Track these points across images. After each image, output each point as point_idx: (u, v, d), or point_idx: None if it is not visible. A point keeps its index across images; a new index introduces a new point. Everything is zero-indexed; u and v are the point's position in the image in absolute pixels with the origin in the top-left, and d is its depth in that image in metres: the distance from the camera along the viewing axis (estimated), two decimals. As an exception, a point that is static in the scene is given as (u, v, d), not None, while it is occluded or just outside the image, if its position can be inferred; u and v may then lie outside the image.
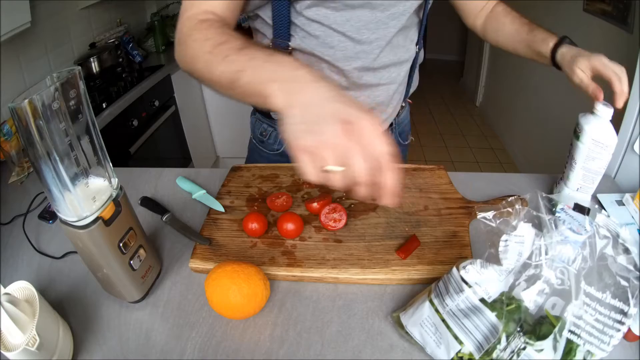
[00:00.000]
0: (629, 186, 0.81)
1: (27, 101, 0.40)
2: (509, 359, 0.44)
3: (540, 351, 0.43)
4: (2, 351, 0.45)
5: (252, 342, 0.54)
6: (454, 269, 0.49)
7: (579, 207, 0.48)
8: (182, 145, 2.23)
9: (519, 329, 0.44)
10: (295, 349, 0.53)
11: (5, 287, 0.51)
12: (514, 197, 0.49)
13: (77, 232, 0.49)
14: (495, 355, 0.44)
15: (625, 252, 0.44)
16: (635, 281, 0.43)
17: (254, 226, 0.67)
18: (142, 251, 0.58)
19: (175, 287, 0.62)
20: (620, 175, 0.84)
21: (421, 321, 0.50)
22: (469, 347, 0.46)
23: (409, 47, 0.80)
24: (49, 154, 0.43)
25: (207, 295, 0.54)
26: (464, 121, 3.58)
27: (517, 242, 0.46)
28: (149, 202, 0.77)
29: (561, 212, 0.55)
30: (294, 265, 0.62)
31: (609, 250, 0.44)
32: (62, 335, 0.51)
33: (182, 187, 0.83)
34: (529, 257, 0.45)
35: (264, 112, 0.89)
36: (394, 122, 0.93)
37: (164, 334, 0.55)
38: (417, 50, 0.83)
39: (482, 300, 0.46)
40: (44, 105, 0.42)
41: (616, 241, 0.45)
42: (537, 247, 0.45)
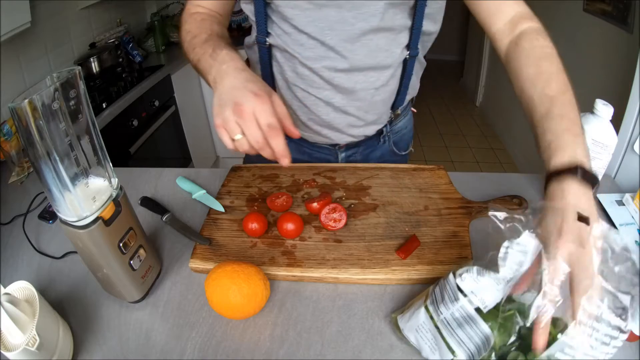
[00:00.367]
0: (629, 186, 0.81)
1: (27, 101, 0.40)
2: None
3: None
4: (2, 351, 0.45)
5: (252, 342, 0.54)
6: (451, 275, 0.48)
7: (582, 218, 0.45)
8: (182, 145, 2.23)
9: (514, 340, 0.43)
10: (295, 349, 0.53)
11: (5, 287, 0.51)
12: (540, 203, 0.46)
13: (77, 232, 0.49)
14: None
15: (627, 263, 0.41)
16: (636, 294, 0.41)
17: (254, 226, 0.67)
18: (142, 251, 0.58)
19: (175, 287, 0.62)
20: (620, 175, 0.84)
21: (417, 326, 0.48)
22: (461, 357, 0.44)
23: (394, 51, 0.74)
24: (49, 154, 0.43)
25: (207, 295, 0.54)
26: (464, 121, 3.58)
27: (519, 251, 0.43)
28: (149, 202, 0.77)
29: None
30: (294, 265, 0.62)
31: (607, 263, 0.42)
32: (62, 335, 0.51)
33: (182, 187, 0.83)
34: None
35: None
36: (385, 130, 0.89)
37: (164, 334, 0.55)
38: (407, 55, 0.76)
39: (477, 309, 0.44)
40: (44, 105, 0.42)
41: (614, 253, 0.42)
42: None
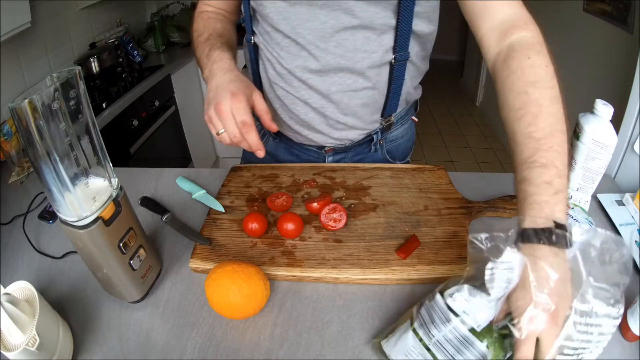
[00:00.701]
0: (629, 186, 0.81)
1: (27, 101, 0.40)
2: None
3: None
4: (2, 351, 0.45)
5: (252, 342, 0.54)
6: (438, 296, 0.46)
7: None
8: (182, 145, 2.23)
9: (509, 356, 0.42)
10: (295, 349, 0.53)
11: (5, 287, 0.51)
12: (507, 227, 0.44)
13: (77, 232, 0.49)
14: None
15: (613, 255, 0.42)
16: (625, 282, 0.41)
17: (254, 226, 0.67)
18: (142, 251, 0.58)
19: (175, 287, 0.62)
20: (620, 175, 0.84)
21: (405, 351, 0.46)
22: None
23: (374, 52, 0.70)
24: (49, 154, 0.43)
25: (207, 295, 0.54)
26: (464, 121, 3.58)
27: (505, 269, 0.42)
28: (149, 202, 0.77)
29: None
30: (294, 265, 0.62)
31: (592, 263, 0.42)
32: (62, 335, 0.51)
33: (182, 187, 0.83)
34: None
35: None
36: (376, 137, 0.85)
37: (164, 334, 0.55)
38: (392, 59, 0.72)
39: (471, 330, 0.42)
40: (44, 105, 0.42)
41: (597, 251, 0.42)
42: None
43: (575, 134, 0.69)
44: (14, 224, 0.77)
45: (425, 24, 0.71)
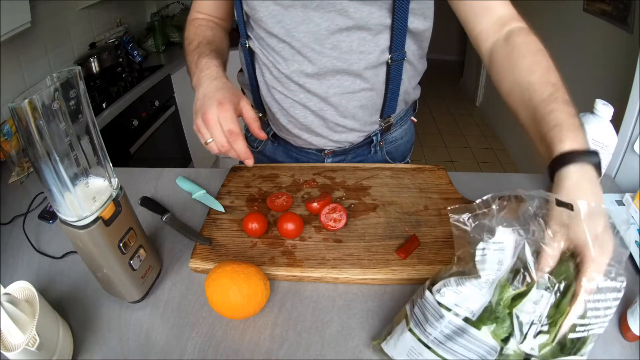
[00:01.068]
0: (629, 186, 0.81)
1: (27, 101, 0.40)
2: None
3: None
4: (2, 351, 0.45)
5: (252, 342, 0.54)
6: (427, 293, 0.45)
7: (562, 204, 0.44)
8: (182, 145, 2.23)
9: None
10: (295, 349, 0.53)
11: (5, 287, 0.51)
12: (490, 196, 0.42)
13: (77, 232, 0.49)
14: None
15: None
16: (625, 258, 0.42)
17: (254, 226, 0.67)
18: (142, 251, 0.58)
19: (175, 287, 0.62)
20: (620, 175, 0.84)
21: (407, 351, 0.46)
22: None
23: (370, 53, 0.70)
24: (49, 154, 0.43)
25: (207, 295, 0.54)
26: (464, 121, 3.58)
27: (497, 250, 0.41)
28: (149, 202, 0.77)
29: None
30: (294, 265, 0.62)
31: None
32: (62, 335, 0.51)
33: (182, 187, 0.83)
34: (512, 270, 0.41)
35: None
36: (376, 139, 0.85)
37: (164, 334, 0.55)
38: (389, 59, 0.72)
39: (466, 319, 0.42)
40: (44, 105, 0.42)
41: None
42: (520, 248, 0.41)
43: (575, 134, 0.69)
44: (14, 224, 0.77)
45: (420, 21, 0.71)
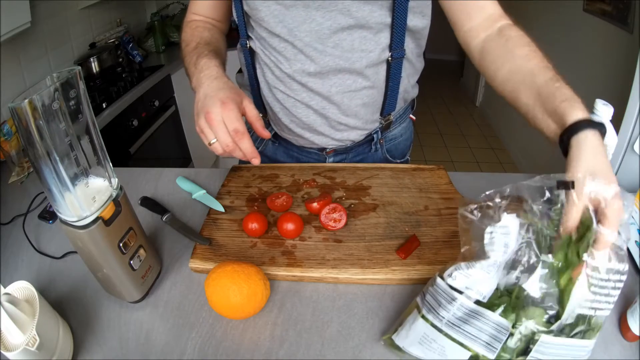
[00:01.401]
0: (629, 186, 0.81)
1: (27, 101, 0.40)
2: (524, 347, 0.43)
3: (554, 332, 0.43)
4: (2, 351, 0.45)
5: (252, 342, 0.54)
6: (439, 280, 0.48)
7: (563, 184, 0.47)
8: (182, 145, 2.23)
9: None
10: (295, 349, 0.53)
11: (5, 287, 0.51)
12: (492, 191, 0.47)
13: (77, 232, 0.49)
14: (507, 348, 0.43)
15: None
16: (627, 239, 0.44)
17: (254, 226, 0.67)
18: (142, 251, 0.58)
19: (175, 287, 0.62)
20: (620, 175, 0.84)
21: (419, 339, 0.47)
22: (480, 351, 0.44)
23: (372, 51, 0.71)
24: (49, 154, 0.43)
25: (207, 295, 0.54)
26: (464, 121, 3.58)
27: (503, 234, 0.45)
28: (149, 202, 0.77)
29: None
30: (294, 265, 0.62)
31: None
32: (62, 335, 0.51)
33: (182, 187, 0.83)
34: (517, 252, 0.44)
35: None
36: (377, 137, 0.85)
37: (164, 334, 0.55)
38: (389, 57, 0.73)
39: (477, 302, 0.45)
40: (44, 105, 0.42)
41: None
42: (523, 234, 0.44)
43: (575, 134, 0.69)
44: (14, 224, 0.77)
45: (419, 19, 0.73)
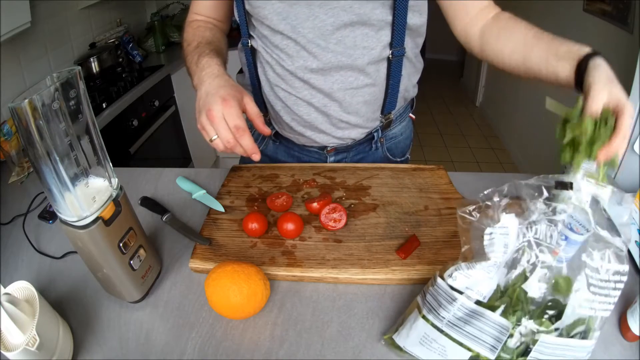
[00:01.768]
0: (629, 186, 0.81)
1: (27, 101, 0.40)
2: (524, 348, 0.43)
3: (553, 332, 0.43)
4: (2, 351, 0.45)
5: (252, 342, 0.54)
6: (439, 280, 0.48)
7: (561, 184, 0.47)
8: (182, 145, 2.23)
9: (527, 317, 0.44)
10: (295, 349, 0.53)
11: (5, 287, 0.51)
12: (490, 190, 0.48)
13: (77, 232, 0.49)
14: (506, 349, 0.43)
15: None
16: (627, 240, 0.44)
17: (254, 226, 0.67)
18: (142, 251, 0.58)
19: (175, 287, 0.62)
20: (620, 175, 0.84)
21: (420, 339, 0.47)
22: (480, 352, 0.44)
23: (373, 48, 0.71)
24: (49, 154, 0.43)
25: (207, 295, 0.54)
26: (464, 121, 3.58)
27: (502, 234, 0.45)
28: (149, 202, 0.77)
29: (562, 212, 0.55)
30: (294, 265, 0.62)
31: (601, 213, 0.45)
32: (62, 335, 0.51)
33: (182, 187, 0.83)
34: (517, 251, 0.44)
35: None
36: (377, 136, 0.86)
37: (164, 334, 0.55)
38: (390, 55, 0.74)
39: (478, 302, 0.45)
40: (44, 105, 0.42)
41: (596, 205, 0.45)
42: (522, 233, 0.45)
43: (575, 134, 0.69)
44: (14, 224, 0.77)
45: (417, 17, 0.74)
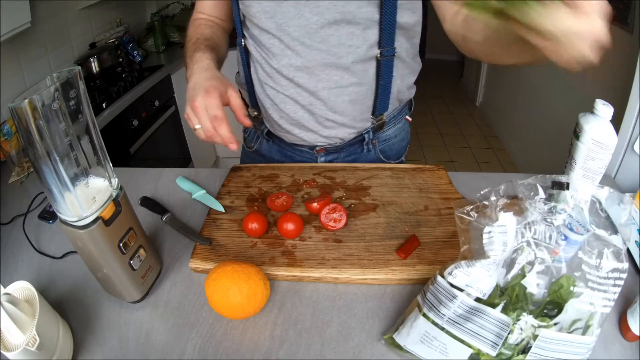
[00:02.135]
0: (629, 186, 0.81)
1: (27, 101, 0.40)
2: (525, 344, 0.44)
3: (555, 326, 0.43)
4: (2, 351, 0.45)
5: (252, 342, 0.54)
6: (439, 278, 0.48)
7: (557, 184, 0.47)
8: (182, 145, 2.23)
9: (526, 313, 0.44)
10: (295, 349, 0.53)
11: (5, 287, 0.51)
12: (487, 190, 0.48)
13: (77, 232, 0.49)
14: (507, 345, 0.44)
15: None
16: (626, 239, 0.45)
17: (254, 226, 0.67)
18: (142, 251, 0.58)
19: (175, 287, 0.62)
20: (620, 175, 0.84)
21: (421, 337, 0.47)
22: (482, 348, 0.44)
23: (359, 47, 0.71)
24: (49, 154, 0.43)
25: (207, 295, 0.54)
26: (464, 121, 3.58)
27: (501, 233, 0.45)
28: (149, 202, 0.77)
29: (561, 212, 0.55)
30: (294, 265, 0.62)
31: (598, 213, 0.46)
32: (62, 335, 0.51)
33: (182, 187, 0.83)
34: (515, 251, 0.45)
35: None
36: (368, 137, 0.85)
37: (164, 334, 0.55)
38: (378, 54, 0.73)
39: (478, 299, 0.45)
40: (44, 105, 0.42)
41: (601, 203, 0.46)
42: (521, 233, 0.45)
43: (575, 133, 0.69)
44: (14, 224, 0.77)
45: (409, 15, 0.73)
